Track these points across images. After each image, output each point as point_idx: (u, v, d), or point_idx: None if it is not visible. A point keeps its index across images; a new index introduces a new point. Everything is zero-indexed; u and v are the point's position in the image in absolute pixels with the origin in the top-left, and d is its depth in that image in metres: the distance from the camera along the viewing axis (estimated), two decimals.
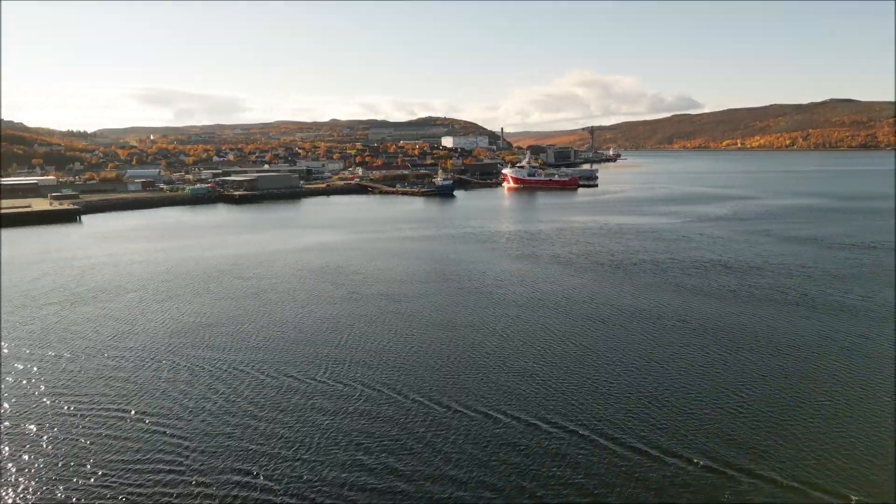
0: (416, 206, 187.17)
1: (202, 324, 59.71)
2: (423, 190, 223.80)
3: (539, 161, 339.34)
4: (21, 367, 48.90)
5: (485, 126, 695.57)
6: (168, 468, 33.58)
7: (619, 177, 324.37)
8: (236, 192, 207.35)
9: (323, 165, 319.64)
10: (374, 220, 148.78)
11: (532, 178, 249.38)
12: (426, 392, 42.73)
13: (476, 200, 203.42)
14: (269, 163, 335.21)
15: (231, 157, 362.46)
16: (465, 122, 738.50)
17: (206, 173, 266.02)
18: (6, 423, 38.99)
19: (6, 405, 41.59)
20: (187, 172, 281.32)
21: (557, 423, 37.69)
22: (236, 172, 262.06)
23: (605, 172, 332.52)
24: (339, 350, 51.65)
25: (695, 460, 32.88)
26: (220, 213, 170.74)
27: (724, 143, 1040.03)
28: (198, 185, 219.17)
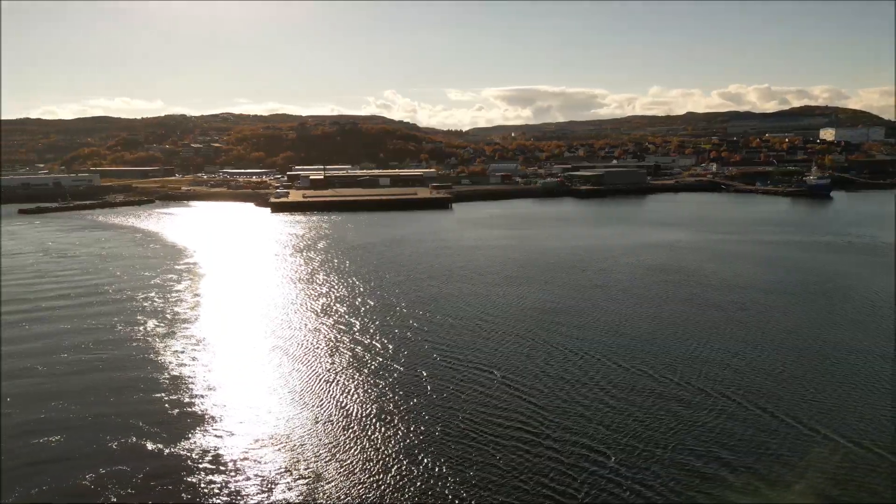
0: (778, 206, 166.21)
1: (552, 309, 64.10)
2: (789, 189, 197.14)
3: None
4: (416, 325, 59.88)
5: (880, 115, 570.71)
6: (522, 428, 37.90)
7: None
8: (583, 187, 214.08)
9: (673, 161, 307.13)
10: (726, 220, 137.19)
11: None
12: (793, 413, 38.93)
13: (861, 204, 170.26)
14: (618, 158, 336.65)
15: (581, 152, 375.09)
16: (854, 110, 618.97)
17: (556, 168, 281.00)
18: (401, 369, 48.42)
19: (401, 356, 51.57)
20: (540, 167, 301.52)
21: None
22: (584, 168, 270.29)
23: None
24: (687, 353, 50.37)
25: None
26: (567, 206, 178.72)
27: None
28: (548, 179, 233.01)
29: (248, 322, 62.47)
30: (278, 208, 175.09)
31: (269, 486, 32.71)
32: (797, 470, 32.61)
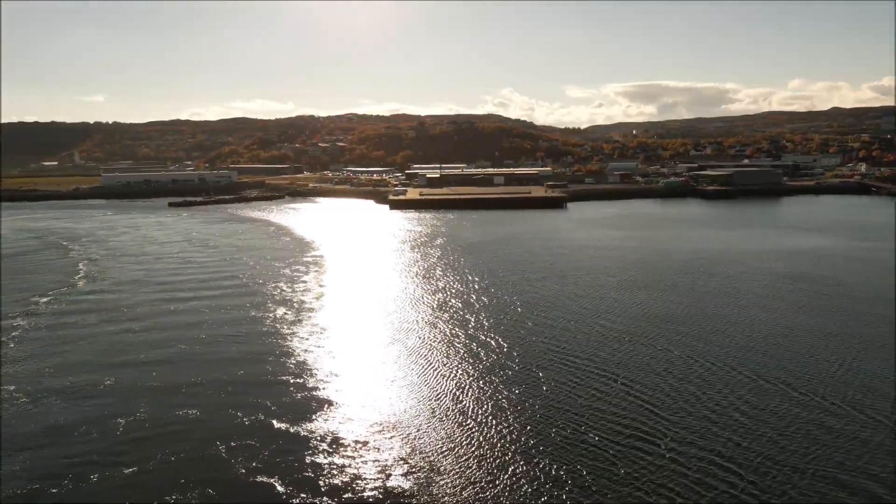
0: None
1: (676, 315, 61.03)
2: None
3: None
4: (531, 325, 59.34)
5: None
6: (644, 437, 36.52)
7: None
8: (709, 187, 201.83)
9: (814, 161, 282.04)
10: (876, 226, 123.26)
11: None
12: None
13: None
14: (750, 157, 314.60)
15: (709, 150, 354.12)
16: None
17: (680, 167, 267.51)
18: (517, 367, 48.14)
19: (517, 355, 51.21)
20: (663, 166, 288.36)
21: None
22: (712, 167, 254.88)
23: None
24: (831, 370, 46.12)
25: None
26: (691, 208, 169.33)
27: None
28: (672, 179, 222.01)
29: (368, 313, 64.82)
30: (396, 205, 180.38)
31: (386, 472, 33.66)
32: None
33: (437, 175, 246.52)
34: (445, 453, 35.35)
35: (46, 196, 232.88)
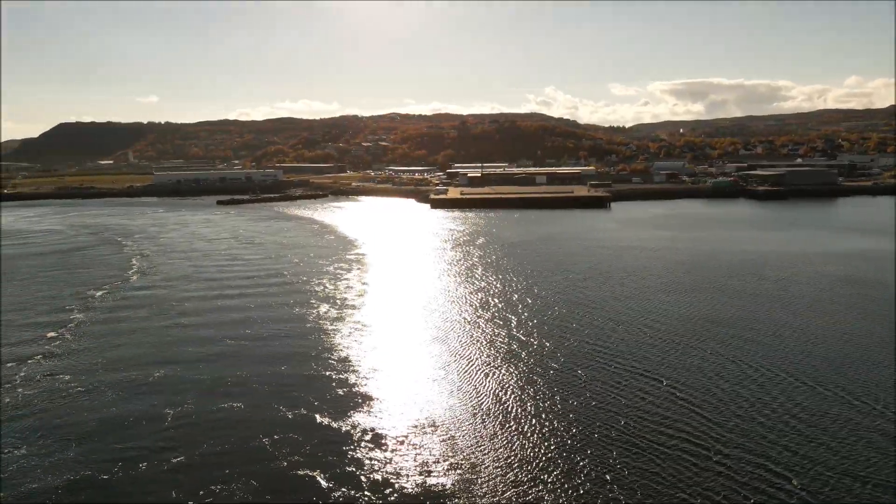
0: None
1: (725, 319, 59.19)
2: None
3: None
4: (574, 326, 58.39)
5: None
6: (691, 441, 35.48)
7: None
8: (760, 188, 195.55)
9: (871, 160, 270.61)
10: None
11: None
12: None
13: None
14: (803, 157, 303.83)
15: (759, 150, 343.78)
16: None
17: (729, 167, 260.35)
18: (559, 368, 47.40)
19: (559, 356, 50.45)
20: (711, 165, 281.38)
21: None
22: (762, 167, 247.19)
23: None
24: (891, 377, 43.82)
25: None
26: (741, 208, 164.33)
27: None
28: (720, 179, 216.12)
29: (410, 311, 64.92)
30: (437, 204, 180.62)
31: (427, 470, 33.50)
32: None
33: (479, 174, 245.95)
34: (487, 453, 35.00)
35: (102, 193, 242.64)
